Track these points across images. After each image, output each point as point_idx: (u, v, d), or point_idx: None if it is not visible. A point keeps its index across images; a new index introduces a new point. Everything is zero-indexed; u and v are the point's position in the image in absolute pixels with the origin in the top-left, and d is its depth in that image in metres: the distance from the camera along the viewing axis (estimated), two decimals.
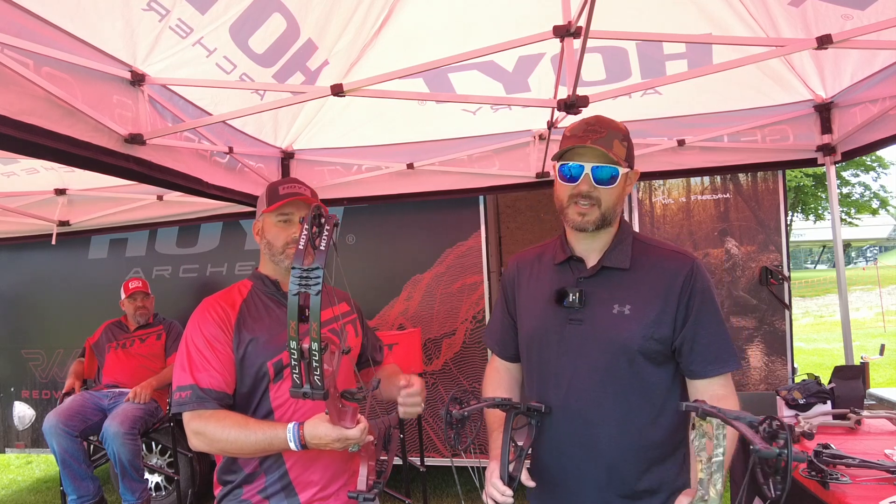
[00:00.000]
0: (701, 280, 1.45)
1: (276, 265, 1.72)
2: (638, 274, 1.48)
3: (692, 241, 3.82)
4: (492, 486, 1.40)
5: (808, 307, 17.09)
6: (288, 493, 1.63)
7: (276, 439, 1.48)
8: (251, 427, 1.51)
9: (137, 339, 4.06)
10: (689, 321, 1.43)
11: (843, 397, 2.77)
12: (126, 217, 4.07)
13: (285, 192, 1.69)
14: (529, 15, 2.22)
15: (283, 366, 1.62)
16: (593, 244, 1.53)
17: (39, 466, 5.96)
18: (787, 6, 2.35)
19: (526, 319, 1.61)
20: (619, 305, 1.46)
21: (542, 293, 1.56)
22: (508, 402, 1.43)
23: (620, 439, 1.45)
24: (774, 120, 3.28)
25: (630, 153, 1.49)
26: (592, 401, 1.46)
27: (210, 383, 1.55)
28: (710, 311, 1.45)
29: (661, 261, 1.49)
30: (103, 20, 1.92)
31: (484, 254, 4.12)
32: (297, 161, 3.67)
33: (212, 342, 1.59)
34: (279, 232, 1.69)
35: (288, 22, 2.35)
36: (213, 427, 1.52)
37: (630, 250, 1.51)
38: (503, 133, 3.53)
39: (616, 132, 1.46)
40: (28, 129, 1.73)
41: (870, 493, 1.77)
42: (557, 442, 1.51)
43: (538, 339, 1.56)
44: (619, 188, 1.46)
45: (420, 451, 3.99)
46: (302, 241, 1.24)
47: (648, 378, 1.45)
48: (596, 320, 1.47)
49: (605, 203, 1.44)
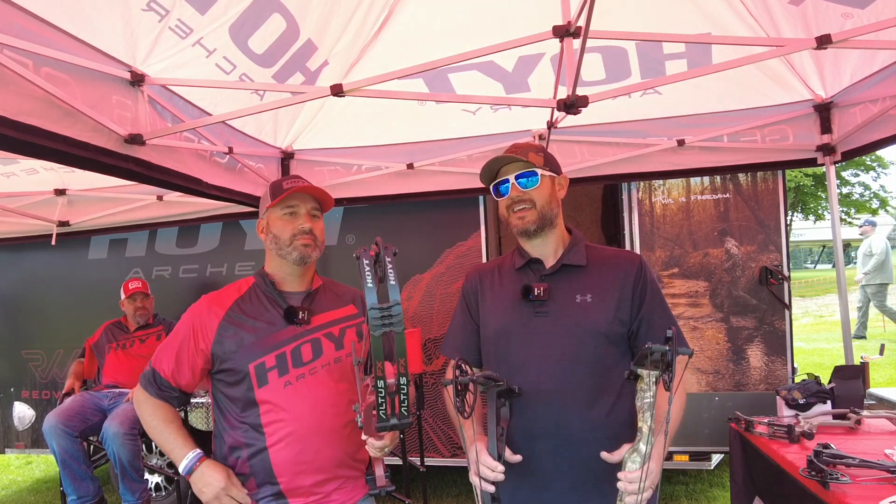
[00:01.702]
0: (650, 273, 1.65)
1: (282, 259, 1.71)
2: (593, 270, 1.64)
3: (692, 241, 3.82)
4: (483, 464, 1.46)
5: (808, 307, 17.08)
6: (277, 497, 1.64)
7: (174, 454, 1.64)
8: (169, 429, 1.66)
9: (137, 339, 4.06)
10: (644, 307, 1.60)
11: (843, 397, 2.77)
12: (126, 217, 4.08)
13: (289, 185, 1.69)
14: (529, 15, 2.21)
15: (266, 369, 1.63)
16: (546, 248, 1.67)
17: (39, 467, 5.95)
18: (786, 5, 2.35)
19: (492, 319, 1.70)
20: (580, 295, 1.60)
21: (507, 294, 1.68)
22: (494, 378, 1.49)
23: (590, 420, 1.55)
24: (774, 120, 3.28)
25: (549, 161, 1.65)
26: (561, 385, 1.56)
27: (164, 373, 1.68)
28: (660, 300, 1.63)
29: (613, 258, 1.67)
30: (103, 20, 1.92)
31: (484, 254, 4.12)
32: (297, 161, 3.67)
33: (181, 338, 1.68)
34: (285, 224, 1.69)
35: (288, 22, 2.35)
36: (147, 407, 1.70)
37: (584, 252, 1.67)
38: (503, 133, 3.53)
39: (529, 147, 1.64)
40: (27, 129, 1.73)
41: (870, 493, 1.77)
42: (529, 428, 1.58)
43: (505, 334, 1.65)
44: (547, 189, 1.62)
45: (420, 452, 3.99)
46: (369, 279, 1.23)
47: (611, 361, 1.57)
48: (561, 310, 1.60)
49: (538, 202, 1.60)
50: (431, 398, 4.18)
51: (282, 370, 1.63)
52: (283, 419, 1.62)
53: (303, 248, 1.68)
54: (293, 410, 1.62)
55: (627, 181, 3.76)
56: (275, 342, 1.65)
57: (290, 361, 1.64)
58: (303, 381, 1.64)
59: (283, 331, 1.67)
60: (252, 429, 1.63)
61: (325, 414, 1.64)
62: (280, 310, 1.69)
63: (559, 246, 1.67)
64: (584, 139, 3.49)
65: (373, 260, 1.23)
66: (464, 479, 4.69)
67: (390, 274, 1.22)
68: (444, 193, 3.75)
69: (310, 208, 1.72)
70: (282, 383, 1.63)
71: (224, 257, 4.57)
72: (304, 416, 1.62)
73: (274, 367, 1.63)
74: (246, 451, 1.64)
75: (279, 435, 1.62)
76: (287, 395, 1.63)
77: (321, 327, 1.71)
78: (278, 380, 1.63)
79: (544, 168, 1.61)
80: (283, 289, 1.74)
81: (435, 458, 4.17)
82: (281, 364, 1.64)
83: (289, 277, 1.75)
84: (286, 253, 1.69)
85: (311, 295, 1.76)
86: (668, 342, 1.26)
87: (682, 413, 1.57)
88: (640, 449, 1.33)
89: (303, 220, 1.69)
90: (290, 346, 1.66)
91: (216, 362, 1.66)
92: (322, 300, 1.77)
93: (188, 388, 1.71)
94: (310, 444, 1.62)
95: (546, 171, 1.62)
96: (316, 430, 1.63)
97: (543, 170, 1.61)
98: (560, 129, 3.24)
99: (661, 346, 1.25)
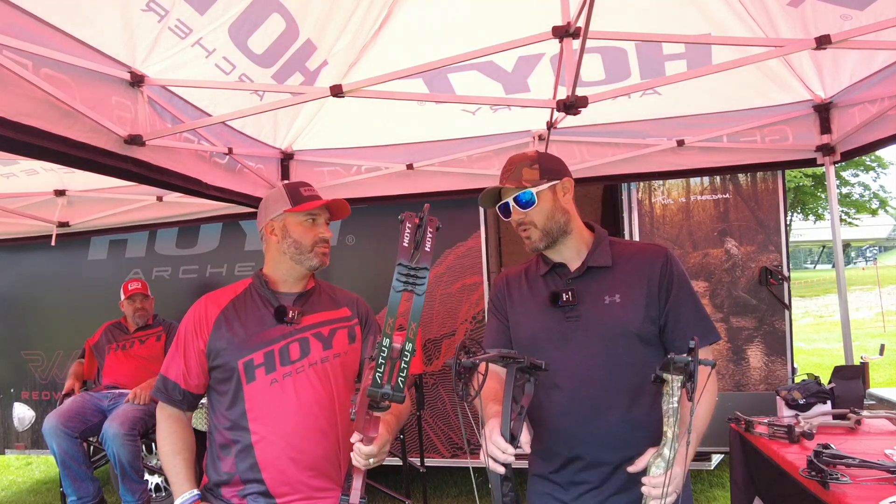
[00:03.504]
0: (676, 265, 1.61)
1: (297, 263, 1.73)
2: (619, 268, 1.61)
3: (692, 241, 3.82)
4: (492, 443, 1.36)
5: (808, 307, 17.09)
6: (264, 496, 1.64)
7: (174, 486, 1.64)
8: (176, 459, 1.66)
9: (137, 340, 4.06)
10: (671, 301, 1.57)
11: (843, 397, 2.76)
12: (126, 218, 4.07)
13: (309, 195, 1.73)
14: (529, 15, 2.22)
15: (254, 366, 1.64)
16: (567, 252, 1.64)
17: (39, 468, 5.95)
18: (785, 6, 2.35)
19: (523, 326, 1.68)
20: (608, 296, 1.58)
21: (535, 300, 1.66)
22: (512, 356, 1.41)
23: (630, 420, 1.54)
24: (774, 120, 3.28)
25: (547, 170, 1.61)
26: (600, 388, 1.55)
27: (174, 376, 1.69)
28: (687, 292, 1.60)
29: (638, 253, 1.64)
30: (102, 21, 1.92)
31: (484, 254, 4.12)
32: (297, 162, 3.67)
33: (185, 338, 1.70)
34: (307, 231, 1.72)
35: (287, 22, 2.35)
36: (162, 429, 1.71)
37: (609, 250, 1.64)
38: (503, 133, 3.53)
39: (523, 162, 1.61)
40: (27, 130, 1.73)
41: (870, 493, 1.76)
42: (571, 432, 1.57)
43: (539, 341, 1.62)
44: (548, 204, 1.59)
45: (420, 452, 3.99)
46: (406, 239, 1.21)
47: (644, 360, 1.54)
48: (591, 313, 1.58)
49: (538, 221, 1.59)
50: (431, 398, 4.18)
51: (269, 368, 1.65)
52: (268, 416, 1.63)
53: (322, 257, 1.73)
54: (277, 408, 1.63)
55: (627, 181, 3.76)
56: (263, 340, 1.67)
57: (277, 359, 1.66)
58: (289, 380, 1.66)
59: (273, 329, 1.69)
60: (238, 425, 1.65)
61: (310, 413, 1.65)
62: (271, 308, 1.71)
63: (581, 247, 1.64)
64: (583, 139, 3.49)
65: (415, 226, 1.22)
66: (464, 479, 4.69)
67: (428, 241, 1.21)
68: (443, 194, 3.74)
69: (326, 217, 1.78)
70: (268, 381, 1.65)
71: (224, 258, 4.57)
72: (288, 414, 1.64)
73: (262, 365, 1.65)
74: (234, 447, 1.66)
75: (263, 432, 1.63)
76: (272, 392, 1.64)
77: (310, 327, 1.73)
78: (265, 377, 1.65)
79: (541, 181, 1.58)
80: (279, 289, 1.76)
81: (435, 459, 4.17)
82: (269, 362, 1.65)
83: (288, 279, 1.76)
84: (305, 259, 1.72)
85: (304, 296, 1.77)
86: (691, 352, 1.23)
87: (709, 417, 1.56)
88: (664, 454, 1.31)
89: (323, 229, 1.75)
90: (278, 344, 1.67)
91: (210, 358, 1.68)
92: (315, 301, 1.78)
93: (198, 388, 1.71)
94: (294, 442, 1.63)
95: (543, 184, 1.58)
96: (300, 428, 1.64)
97: (540, 184, 1.57)
98: (560, 130, 3.24)
99: (684, 356, 1.23)
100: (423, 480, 3.85)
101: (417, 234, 1.22)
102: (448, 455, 4.17)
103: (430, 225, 1.22)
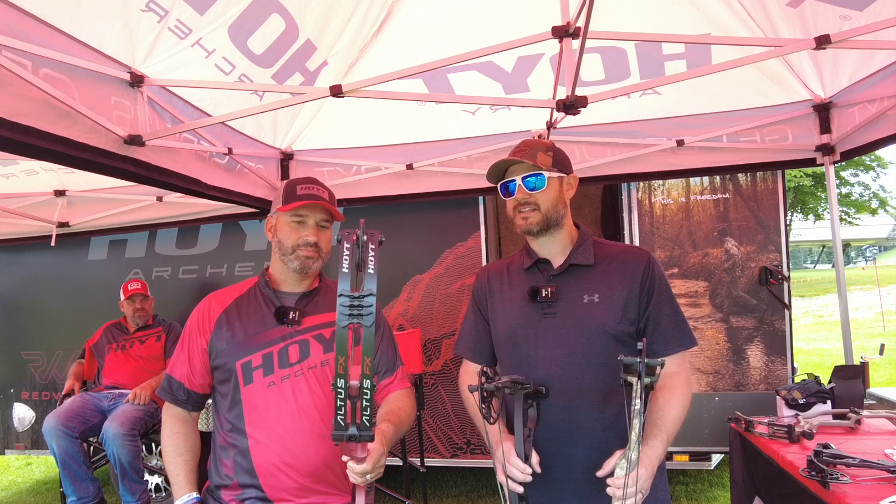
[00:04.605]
0: (658, 269, 1.63)
1: (284, 265, 1.71)
2: (601, 268, 1.63)
3: (691, 241, 3.82)
4: (511, 464, 1.46)
5: (808, 307, 17.09)
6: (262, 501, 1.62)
7: (174, 488, 1.64)
8: (177, 461, 1.66)
9: (137, 340, 4.06)
10: (652, 305, 1.59)
11: (843, 397, 2.77)
12: (125, 218, 4.07)
13: (303, 193, 1.66)
14: (528, 15, 2.22)
15: (252, 368, 1.62)
16: (553, 247, 1.66)
17: (39, 468, 5.95)
18: (785, 7, 2.35)
19: (502, 320, 1.70)
20: (588, 295, 1.60)
21: (516, 295, 1.68)
22: (521, 382, 1.49)
23: (602, 419, 1.56)
24: (773, 120, 3.28)
25: (559, 161, 1.63)
26: (574, 385, 1.57)
27: (179, 375, 1.69)
28: (667, 297, 1.62)
29: (620, 255, 1.65)
30: (102, 21, 1.92)
31: (483, 254, 4.12)
32: (297, 162, 3.67)
33: (189, 337, 1.70)
34: (290, 232, 1.67)
35: (287, 22, 2.35)
36: (166, 430, 1.70)
37: (592, 249, 1.66)
38: (502, 133, 3.53)
39: (539, 147, 1.63)
40: (26, 130, 1.73)
41: (870, 493, 1.77)
42: (543, 429, 1.58)
43: (516, 336, 1.65)
44: (555, 191, 1.61)
45: (420, 452, 3.99)
46: (346, 265, 1.11)
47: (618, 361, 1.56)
48: (569, 311, 1.60)
49: (543, 205, 1.60)
50: (431, 399, 4.18)
51: (267, 370, 1.62)
52: (264, 420, 1.60)
53: (304, 260, 1.66)
54: (274, 412, 1.60)
55: (627, 181, 3.76)
56: (263, 341, 1.64)
57: (276, 362, 1.63)
58: (286, 383, 1.62)
59: (273, 330, 1.66)
60: (236, 429, 1.62)
61: (307, 418, 1.60)
62: (273, 309, 1.68)
63: (567, 244, 1.66)
64: (583, 139, 3.49)
65: (353, 245, 1.12)
66: (464, 479, 4.70)
67: (370, 262, 1.10)
68: (443, 194, 3.75)
69: (319, 219, 1.69)
70: (266, 383, 1.61)
71: (224, 258, 4.56)
72: (285, 418, 1.60)
73: (260, 367, 1.62)
74: (232, 451, 1.63)
75: (259, 437, 1.60)
76: (269, 395, 1.61)
77: (311, 329, 1.68)
78: (262, 380, 1.61)
79: (553, 169, 1.60)
80: (280, 289, 1.74)
81: (435, 459, 4.17)
82: (267, 364, 1.62)
83: (288, 279, 1.74)
84: (287, 260, 1.68)
85: (307, 296, 1.73)
86: (640, 353, 1.29)
87: (684, 413, 1.56)
88: (628, 455, 1.34)
89: (309, 232, 1.66)
90: (277, 346, 1.64)
91: (212, 358, 1.66)
92: (318, 302, 1.74)
93: (202, 388, 1.70)
94: (290, 447, 1.59)
95: (554, 172, 1.60)
96: (296, 433, 1.59)
97: (552, 171, 1.59)
98: (559, 130, 3.24)
99: (632, 358, 1.29)
100: (423, 480, 3.85)
101: (357, 255, 1.11)
102: (448, 455, 4.17)
103: (372, 240, 1.12)
